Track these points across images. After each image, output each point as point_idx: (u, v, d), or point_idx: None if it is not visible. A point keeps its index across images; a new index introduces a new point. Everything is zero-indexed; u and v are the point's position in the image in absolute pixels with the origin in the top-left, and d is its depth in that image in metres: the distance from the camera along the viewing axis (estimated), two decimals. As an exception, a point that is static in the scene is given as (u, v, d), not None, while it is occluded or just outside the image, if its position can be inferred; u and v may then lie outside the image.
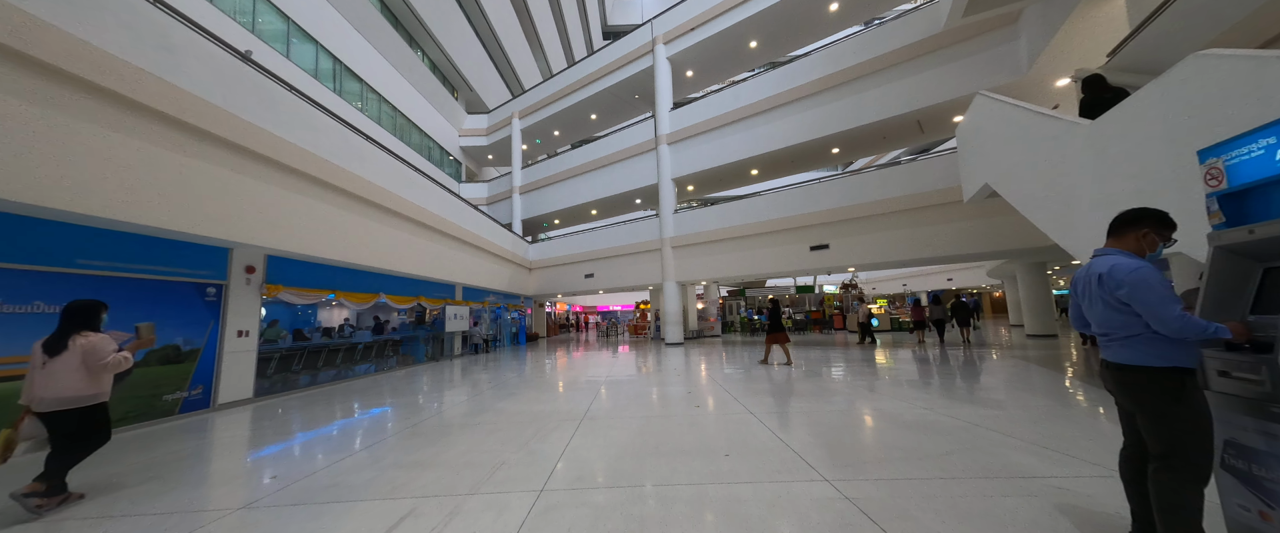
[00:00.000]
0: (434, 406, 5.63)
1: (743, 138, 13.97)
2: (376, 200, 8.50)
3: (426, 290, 11.43)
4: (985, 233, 9.80)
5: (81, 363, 2.79)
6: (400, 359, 10.69)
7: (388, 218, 9.00)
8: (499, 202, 22.33)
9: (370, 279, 9.15)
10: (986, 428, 3.65)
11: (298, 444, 4.08)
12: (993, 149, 6.75)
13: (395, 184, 9.17)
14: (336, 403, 6.09)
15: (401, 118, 18.32)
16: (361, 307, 8.83)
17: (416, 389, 7.10)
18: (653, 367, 8.99)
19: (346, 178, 7.68)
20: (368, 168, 8.31)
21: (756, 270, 13.35)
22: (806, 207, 12.36)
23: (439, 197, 11.26)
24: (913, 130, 12.27)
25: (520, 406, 5.38)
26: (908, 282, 35.33)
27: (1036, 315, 12.96)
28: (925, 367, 7.64)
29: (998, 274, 18.32)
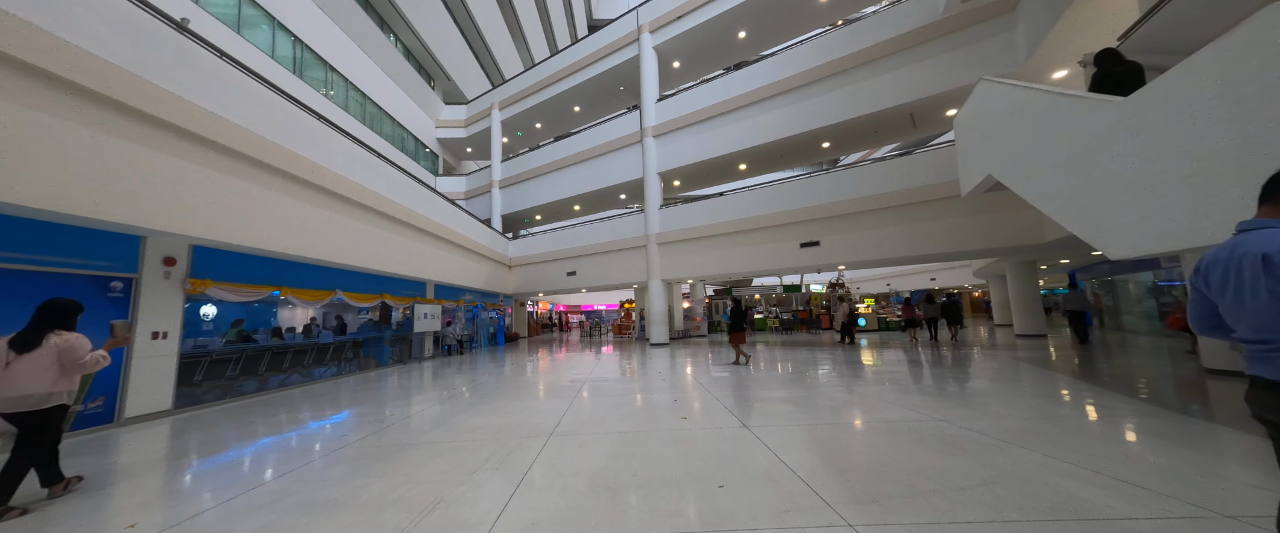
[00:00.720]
0: (381, 419, 4.90)
1: (731, 131, 13.46)
2: (333, 189, 7.68)
3: (392, 287, 10.58)
4: (980, 229, 9.46)
5: (55, 361, 2.77)
6: (362, 362, 9.84)
7: (347, 208, 8.17)
8: (478, 196, 21.41)
9: (325, 275, 8.31)
10: (1022, 446, 3.13)
11: (190, 474, 3.33)
12: (998, 138, 6.33)
13: (356, 172, 8.34)
14: (268, 416, 5.29)
15: (371, 105, 17.30)
16: (315, 305, 7.99)
17: (370, 397, 6.33)
18: (635, 369, 8.37)
19: (297, 162, 6.85)
20: (322, 152, 7.48)
21: (745, 268, 12.86)
22: (797, 202, 11.91)
23: (407, 187, 10.43)
24: (905, 124, 11.93)
25: (481, 418, 4.69)
26: (891, 281, 35.51)
27: (1026, 315, 12.78)
28: (925, 369, 7.20)
29: (985, 274, 18.25)
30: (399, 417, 4.95)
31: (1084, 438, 3.32)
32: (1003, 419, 3.86)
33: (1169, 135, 3.44)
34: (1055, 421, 3.81)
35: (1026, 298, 12.82)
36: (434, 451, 3.58)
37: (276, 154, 6.47)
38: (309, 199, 7.25)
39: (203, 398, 6.07)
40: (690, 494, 2.55)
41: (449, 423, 4.53)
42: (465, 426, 4.38)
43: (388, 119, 18.50)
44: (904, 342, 12.90)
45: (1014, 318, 13.15)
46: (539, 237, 18.18)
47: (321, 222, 7.52)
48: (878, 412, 4.29)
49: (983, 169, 6.88)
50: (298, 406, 5.89)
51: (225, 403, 6.12)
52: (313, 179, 7.22)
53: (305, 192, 7.17)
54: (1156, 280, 11.78)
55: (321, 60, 14.66)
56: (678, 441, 3.59)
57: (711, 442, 3.52)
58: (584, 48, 17.35)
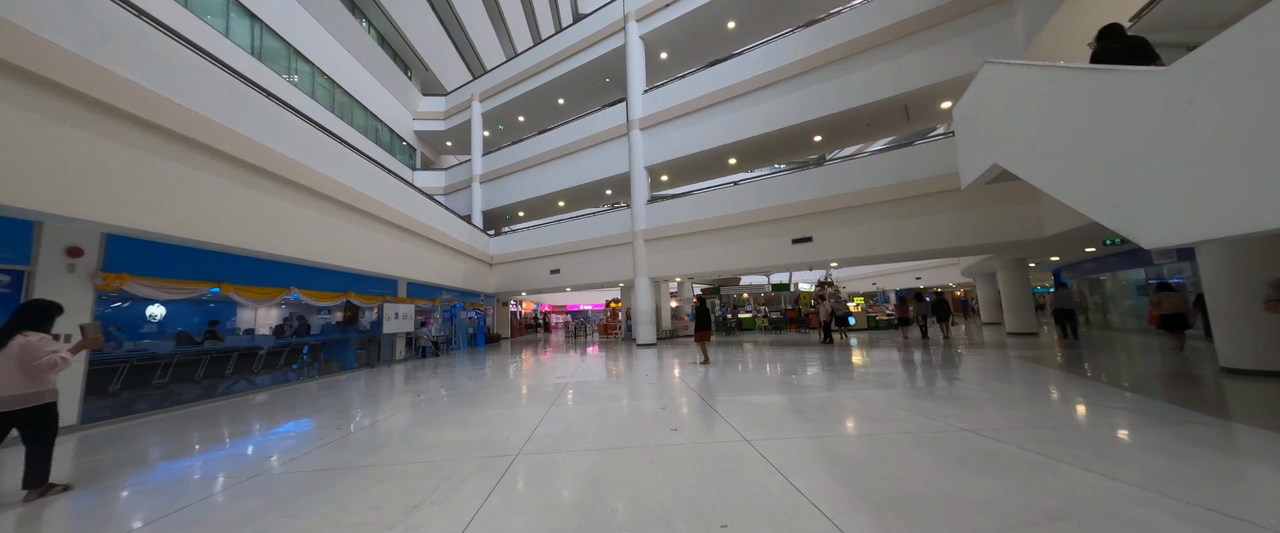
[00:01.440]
0: (324, 434, 4.23)
1: (720, 123, 12.99)
2: (286, 175, 6.92)
3: (359, 285, 9.81)
4: (978, 224, 9.16)
5: (19, 363, 2.77)
6: (323, 366, 9.05)
7: (303, 197, 7.41)
8: (458, 191, 20.56)
9: (278, 270, 7.53)
10: (1069, 462, 2.67)
11: (49, 509, 2.64)
12: (1006, 124, 5.95)
13: (314, 158, 7.58)
14: (190, 432, 4.57)
15: (341, 93, 16.35)
16: (264, 304, 7.21)
17: (322, 407, 5.63)
18: (621, 372, 7.81)
19: (240, 143, 6.09)
20: (272, 133, 6.72)
21: (735, 265, 12.41)
22: (788, 197, 11.49)
23: (375, 178, 9.67)
24: (898, 117, 11.62)
25: (442, 432, 4.07)
26: (877, 280, 35.69)
27: (1017, 313, 12.61)
28: (928, 369, 6.80)
29: (973, 272, 18.20)
30: (346, 431, 4.29)
31: (1135, 451, 2.87)
32: (1033, 428, 3.41)
33: (1228, 108, 3.03)
34: (1091, 430, 3.38)
35: (1017, 296, 12.66)
36: (374, 477, 2.96)
37: (215, 133, 5.71)
38: (256, 186, 6.49)
39: (129, 409, 5.30)
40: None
41: (403, 438, 3.90)
42: (421, 442, 3.76)
43: (360, 109, 17.56)
44: (896, 340, 12.62)
45: (1005, 316, 12.99)
46: (521, 233, 17.47)
47: (271, 211, 6.76)
48: (892, 420, 3.81)
49: (987, 158, 6.50)
50: (233, 418, 5.16)
51: (151, 416, 5.34)
52: (260, 163, 6.46)
53: (251, 177, 6.41)
54: (1148, 277, 11.72)
55: (284, 42, 13.71)
56: (668, 460, 3.04)
57: (707, 461, 2.98)
58: (568, 37, 16.71)
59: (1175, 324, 7.86)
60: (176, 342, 7.09)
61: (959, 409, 4.10)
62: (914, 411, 4.11)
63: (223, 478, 3.07)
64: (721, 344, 13.26)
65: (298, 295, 7.71)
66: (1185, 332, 7.94)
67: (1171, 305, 7.92)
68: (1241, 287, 5.50)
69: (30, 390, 2.78)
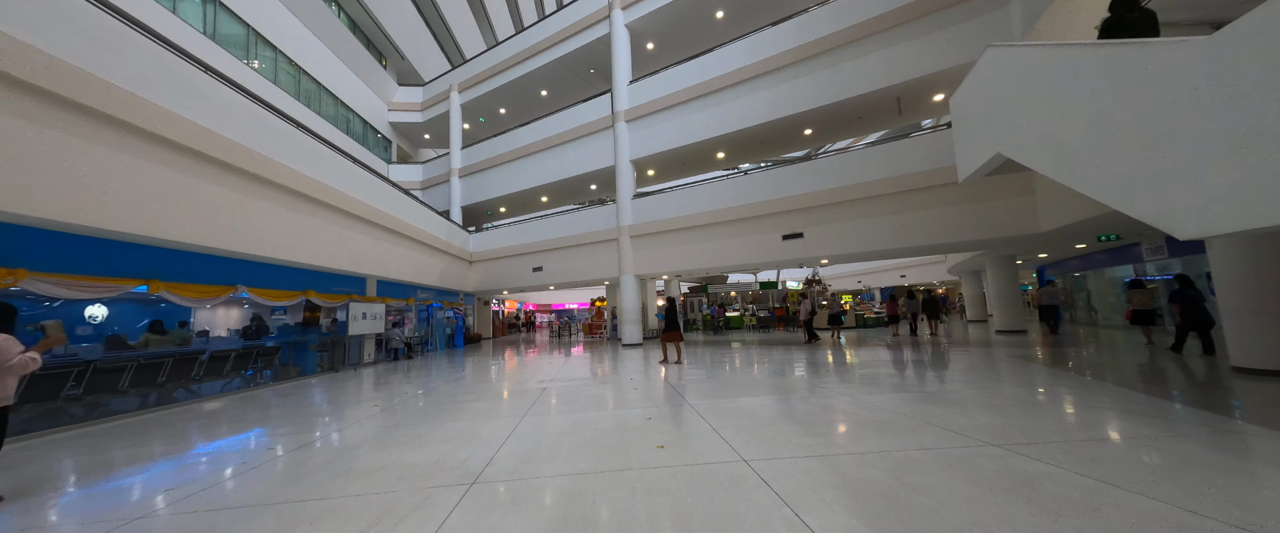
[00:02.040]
0: (247, 456, 3.63)
1: (708, 115, 12.55)
2: (227, 159, 6.20)
3: (320, 283, 9.06)
4: (973, 219, 8.90)
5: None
6: (280, 371, 8.32)
7: (251, 186, 6.69)
8: (436, 186, 19.73)
9: (221, 267, 6.79)
10: (1125, 488, 2.26)
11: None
12: (1011, 111, 5.61)
13: (262, 141, 6.86)
14: (82, 454, 3.89)
15: (308, 80, 15.40)
16: (205, 303, 6.47)
17: (264, 419, 4.98)
18: (603, 374, 7.30)
19: (170, 122, 5.38)
20: (211, 114, 6.00)
21: (724, 262, 11.99)
22: (779, 191, 11.12)
23: (337, 166, 8.94)
24: (890, 110, 11.34)
25: (392, 452, 3.50)
26: (863, 278, 35.88)
27: (1007, 310, 12.49)
28: (928, 371, 6.45)
29: (959, 270, 18.18)
30: (279, 451, 3.68)
31: (1196, 471, 2.49)
32: (1065, 442, 3.02)
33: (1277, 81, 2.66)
34: (1129, 443, 3.00)
35: (1007, 293, 12.54)
36: (286, 519, 2.39)
37: (135, 109, 5.00)
38: (192, 172, 5.77)
39: (25, 428, 4.57)
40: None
41: (342, 462, 3.32)
42: (362, 466, 3.18)
43: (329, 97, 16.61)
44: (887, 338, 12.39)
45: (994, 314, 12.87)
46: (502, 230, 16.79)
47: (211, 201, 6.04)
48: (906, 432, 3.39)
49: (989, 148, 6.17)
50: (150, 436, 4.48)
51: (49, 434, 4.62)
52: (197, 146, 5.74)
53: (186, 161, 5.70)
54: (1137, 274, 11.69)
55: (244, 24, 12.78)
56: (654, 490, 2.54)
57: (702, 491, 2.49)
58: (551, 25, 16.06)
59: (1145, 319, 8.53)
60: (106, 346, 6.34)
61: (976, 418, 3.71)
62: (927, 420, 3.70)
63: (77, 526, 2.44)
64: (709, 344, 12.85)
65: (246, 294, 6.98)
66: (1152, 326, 8.60)
67: (1141, 302, 8.59)
68: (1255, 284, 5.27)
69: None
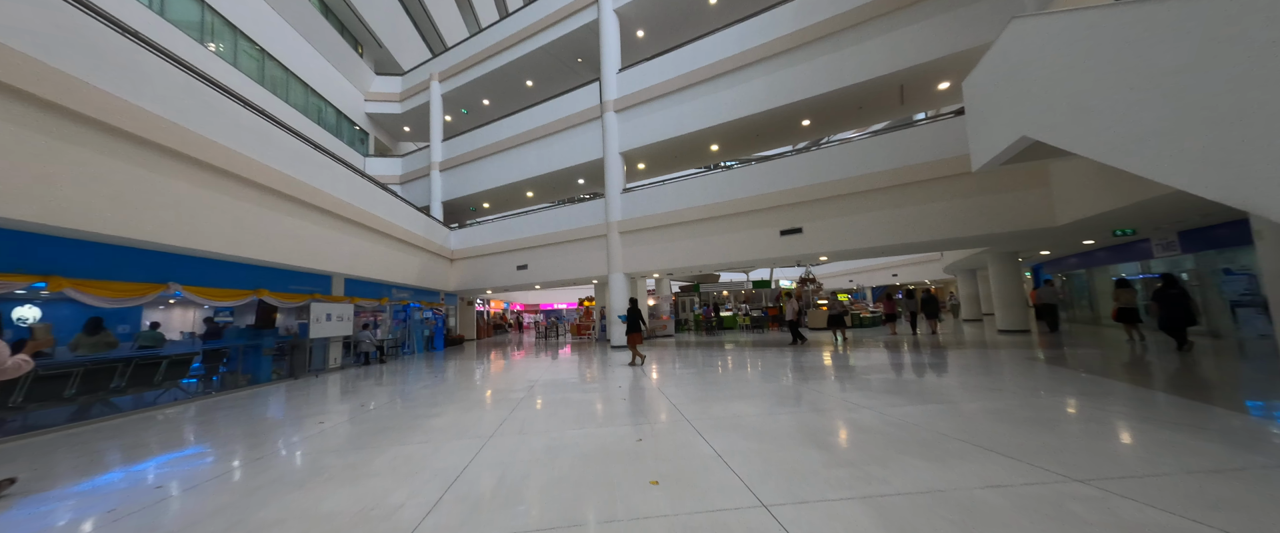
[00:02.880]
0: (121, 496, 2.85)
1: (702, 105, 11.91)
2: (155, 139, 5.36)
3: (274, 282, 8.19)
4: (983, 212, 8.39)
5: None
6: (227, 379, 7.44)
7: (178, 167, 5.84)
8: (416, 180, 18.80)
9: (147, 261, 5.92)
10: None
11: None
12: (1041, 88, 5.04)
13: (192, 117, 6.00)
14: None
15: (275, 66, 14.39)
16: (124, 303, 5.60)
17: (165, 443, 4.18)
18: (590, 381, 6.60)
19: (69, 88, 4.53)
20: (124, 81, 5.16)
21: (718, 259, 11.36)
22: (777, 184, 10.52)
23: (293, 151, 8.08)
24: (892, 99, 10.82)
25: (307, 495, 2.75)
26: (854, 277, 35.68)
27: (1010, 309, 12.07)
28: (946, 377, 5.87)
29: (956, 268, 17.85)
30: (157, 492, 2.91)
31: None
32: (1165, 477, 2.41)
33: None
34: (1252, 480, 2.40)
35: (1010, 292, 12.13)
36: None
37: (15, 69, 4.16)
38: (91, 144, 4.93)
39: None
40: None
41: (236, 510, 2.56)
42: (264, 518, 2.43)
43: (299, 85, 15.60)
44: (885, 338, 11.89)
45: (996, 313, 12.45)
46: (485, 226, 15.96)
47: (131, 185, 5.20)
48: (961, 460, 2.75)
49: (1011, 131, 5.61)
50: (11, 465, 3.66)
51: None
52: (106, 118, 4.90)
53: (80, 130, 4.85)
54: (1141, 271, 11.35)
55: (200, 2, 11.77)
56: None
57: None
58: (536, 10, 15.28)
59: (1129, 317, 8.42)
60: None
61: (1031, 437, 3.10)
62: (974, 440, 3.08)
63: None
64: (703, 345, 12.21)
65: (180, 293, 6.11)
66: (1138, 324, 8.49)
67: (1126, 300, 8.49)
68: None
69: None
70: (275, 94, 14.28)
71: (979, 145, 6.68)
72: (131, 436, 4.53)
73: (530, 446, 3.50)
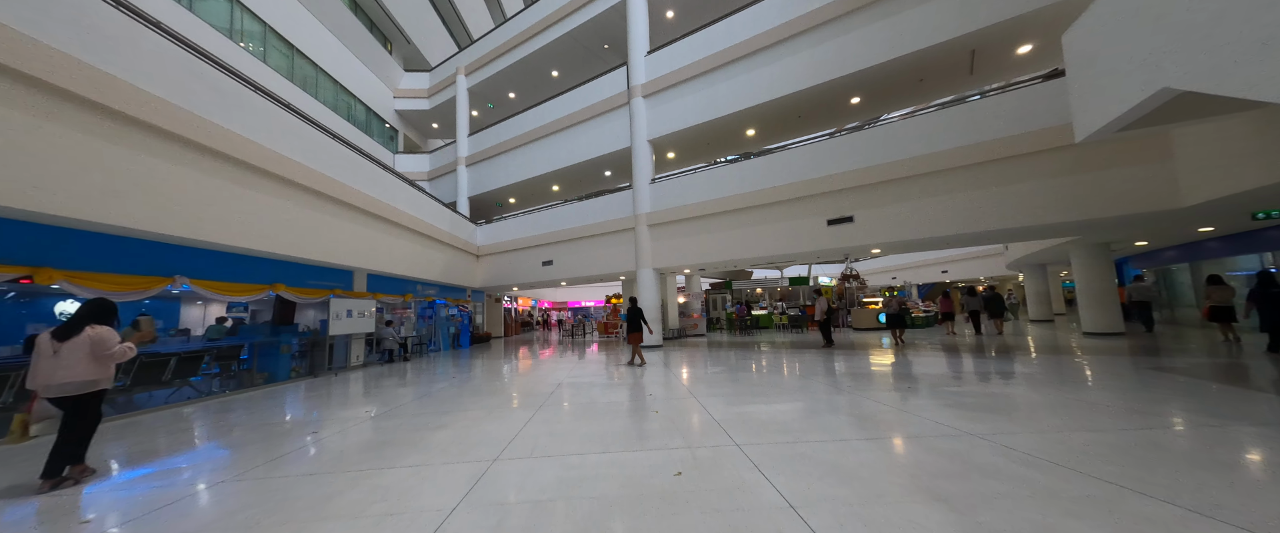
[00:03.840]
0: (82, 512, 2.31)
1: (737, 85, 10.94)
2: (156, 122, 5.02)
3: (291, 276, 7.90)
4: (1082, 194, 7.03)
5: (90, 352, 3.06)
6: (244, 378, 7.18)
7: (192, 157, 5.50)
8: (443, 176, 18.70)
9: (156, 254, 5.63)
10: None
11: None
12: (1210, 18, 3.88)
13: (200, 103, 5.66)
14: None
15: (304, 62, 14.43)
16: (127, 297, 5.31)
17: (135, 453, 3.73)
18: (616, 386, 5.86)
19: (65, 67, 4.19)
20: (123, 61, 4.81)
21: (757, 252, 10.39)
22: (823, 168, 9.44)
23: (310, 141, 7.75)
24: (960, 68, 9.50)
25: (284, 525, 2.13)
26: (897, 275, 33.46)
27: (1100, 308, 10.45)
28: (1048, 391, 4.75)
29: (1023, 264, 16.02)
30: (122, 517, 2.37)
31: None
32: None
33: None
34: None
35: (1100, 289, 10.51)
36: None
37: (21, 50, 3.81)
38: (92, 130, 4.59)
39: None
40: None
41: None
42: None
43: (330, 82, 15.67)
44: (943, 338, 10.58)
45: (1082, 313, 10.85)
46: (510, 221, 15.55)
47: (127, 170, 4.86)
48: (1168, 527, 1.81)
49: (1145, 84, 4.42)
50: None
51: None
52: (103, 100, 4.55)
53: (79, 114, 4.51)
54: (1264, 265, 9.54)
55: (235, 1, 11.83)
56: None
57: None
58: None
59: (1224, 316, 7.85)
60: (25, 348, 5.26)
61: (1252, 501, 2.10)
62: (1180, 503, 2.11)
63: None
64: (737, 346, 11.27)
65: (188, 287, 5.80)
66: (1233, 323, 7.84)
67: (1220, 298, 7.89)
68: None
69: (97, 377, 3.09)
70: (305, 91, 14.34)
71: (1087, 109, 5.45)
72: (112, 440, 4.14)
73: (540, 478, 2.78)
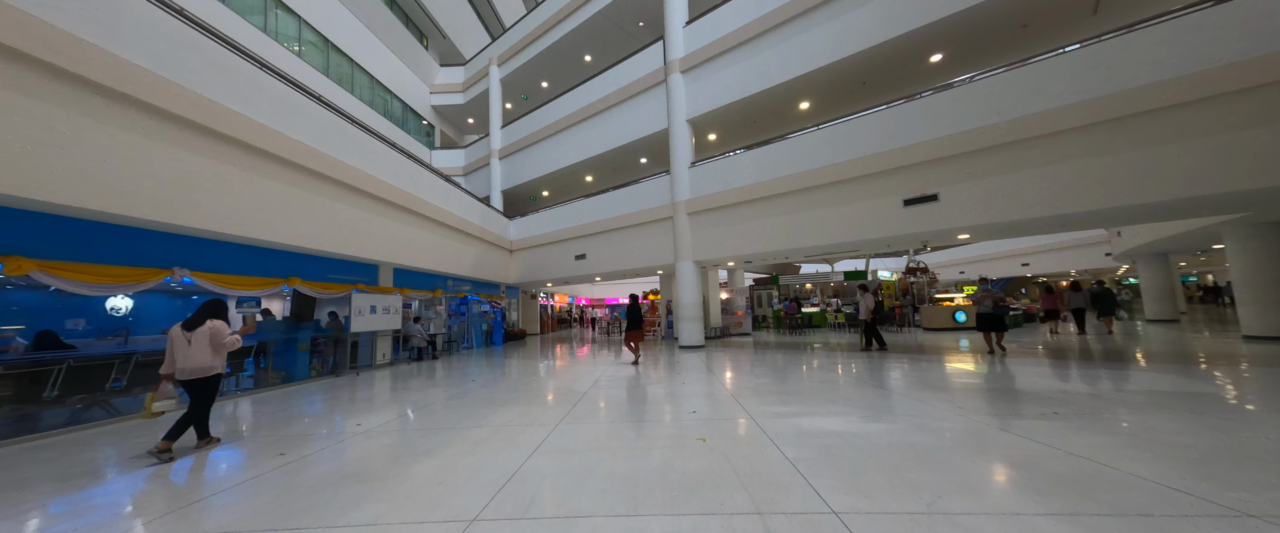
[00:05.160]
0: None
1: (789, 50, 9.56)
2: (141, 97, 4.55)
3: (307, 270, 7.48)
4: (1273, 149, 5.20)
5: (210, 341, 3.62)
6: (261, 377, 6.81)
7: (187, 138, 5.04)
8: (477, 171, 18.44)
9: (152, 243, 5.22)
10: None
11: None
12: None
13: (196, 79, 5.18)
14: None
15: (338, 55, 14.41)
16: (113, 290, 4.90)
17: (100, 467, 3.14)
18: (651, 400, 4.85)
19: (38, 33, 3.72)
20: (106, 32, 4.34)
21: (812, 242, 8.99)
22: (898, 137, 7.91)
23: (336, 129, 7.27)
24: (1078, 8, 7.63)
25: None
26: (965, 269, 30.12)
27: (1266, 307, 8.19)
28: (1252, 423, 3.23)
29: (1140, 253, 13.41)
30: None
31: None
32: None
33: None
34: None
35: (1269, 280, 8.23)
36: None
37: None
38: (75, 106, 4.13)
39: None
40: None
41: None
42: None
43: (366, 78, 15.67)
44: (1045, 340, 8.72)
45: (1241, 310, 8.59)
46: (543, 214, 14.91)
47: (110, 150, 4.40)
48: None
49: None
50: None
51: None
52: (81, 71, 4.08)
53: (66, 89, 4.05)
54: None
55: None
56: None
57: None
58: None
59: None
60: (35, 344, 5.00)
61: None
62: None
63: None
64: (786, 347, 9.92)
65: (189, 280, 5.38)
66: None
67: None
68: None
69: (216, 363, 3.65)
70: (341, 86, 14.35)
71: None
72: (72, 454, 3.63)
73: (553, 501, 1.80)
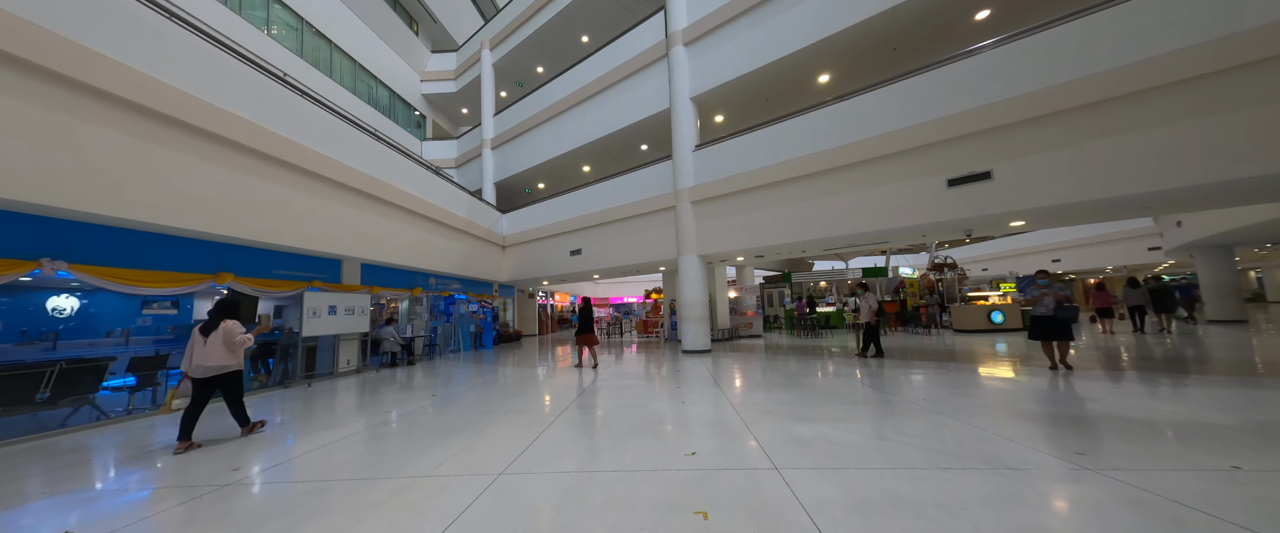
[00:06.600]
0: None
1: (809, 10, 8.36)
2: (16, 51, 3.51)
3: (243, 263, 6.46)
4: None
5: (223, 340, 3.88)
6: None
7: (79, 102, 4.02)
8: (470, 162, 17.43)
9: (15, 229, 4.20)
10: None
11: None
12: None
13: (94, 36, 4.14)
14: None
15: (318, 39, 13.44)
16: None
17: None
18: (645, 420, 3.72)
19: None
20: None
21: (833, 231, 7.79)
22: (944, 106, 6.67)
23: (262, 92, 6.23)
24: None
25: None
26: (990, 265, 28.52)
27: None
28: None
29: (1197, 246, 11.97)
30: None
31: None
32: None
33: None
34: None
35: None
36: None
37: None
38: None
39: None
40: None
41: None
42: None
43: (349, 63, 14.70)
44: (1104, 341, 7.44)
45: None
46: (536, 207, 13.83)
47: None
48: None
49: None
50: None
51: None
52: None
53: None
54: None
55: None
56: None
57: None
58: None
59: None
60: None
61: None
62: None
63: None
64: (799, 352, 8.72)
65: (65, 273, 4.35)
66: None
67: None
68: None
69: (231, 361, 3.93)
70: (328, 75, 13.39)
71: None
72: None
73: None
